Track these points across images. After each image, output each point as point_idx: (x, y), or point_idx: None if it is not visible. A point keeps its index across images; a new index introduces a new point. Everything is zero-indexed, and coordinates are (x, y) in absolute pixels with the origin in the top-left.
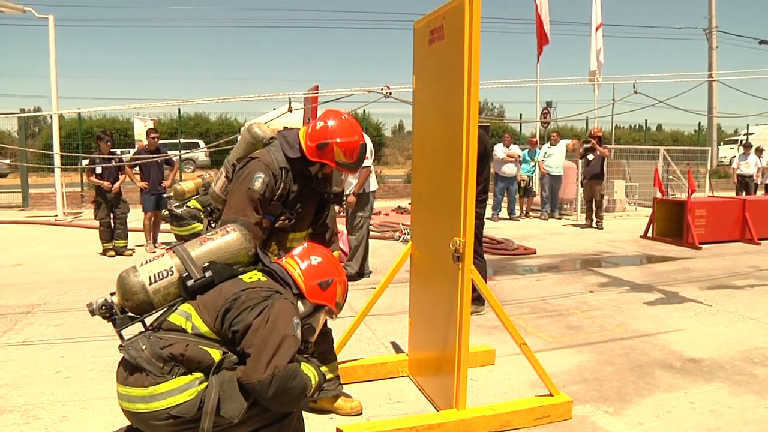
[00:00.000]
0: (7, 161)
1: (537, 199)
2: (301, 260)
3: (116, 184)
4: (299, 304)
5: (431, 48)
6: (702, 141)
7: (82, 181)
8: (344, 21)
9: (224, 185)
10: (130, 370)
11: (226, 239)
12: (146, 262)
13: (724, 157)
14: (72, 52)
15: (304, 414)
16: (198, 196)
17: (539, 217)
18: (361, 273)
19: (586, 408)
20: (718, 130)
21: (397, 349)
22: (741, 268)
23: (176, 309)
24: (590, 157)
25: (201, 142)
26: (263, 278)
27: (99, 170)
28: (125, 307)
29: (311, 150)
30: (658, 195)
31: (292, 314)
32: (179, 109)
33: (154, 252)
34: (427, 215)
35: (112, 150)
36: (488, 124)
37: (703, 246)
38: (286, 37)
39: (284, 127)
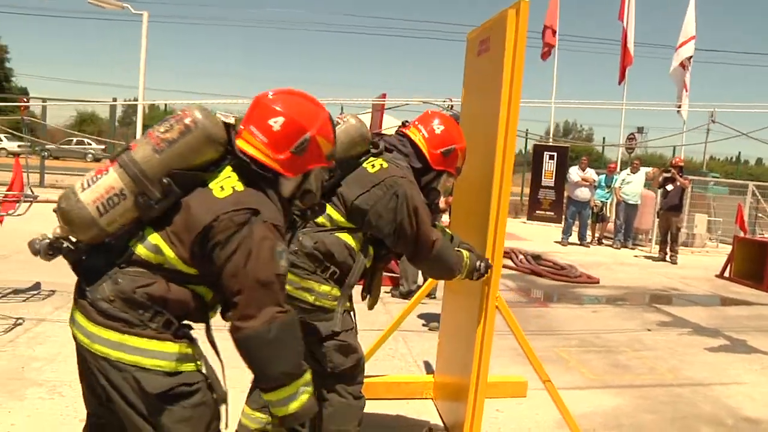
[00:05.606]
0: (102, 147)
1: (611, 226)
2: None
3: None
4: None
5: (479, 59)
6: None
7: None
8: (406, 30)
9: None
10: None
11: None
12: (88, 184)
13: None
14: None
15: None
16: None
17: (611, 246)
18: (411, 291)
19: None
20: None
21: (429, 369)
22: None
23: (143, 238)
24: (669, 187)
25: None
26: (239, 187)
27: None
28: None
29: (437, 158)
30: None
31: (274, 242)
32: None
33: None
34: (462, 232)
35: None
36: (568, 146)
37: None
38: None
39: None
